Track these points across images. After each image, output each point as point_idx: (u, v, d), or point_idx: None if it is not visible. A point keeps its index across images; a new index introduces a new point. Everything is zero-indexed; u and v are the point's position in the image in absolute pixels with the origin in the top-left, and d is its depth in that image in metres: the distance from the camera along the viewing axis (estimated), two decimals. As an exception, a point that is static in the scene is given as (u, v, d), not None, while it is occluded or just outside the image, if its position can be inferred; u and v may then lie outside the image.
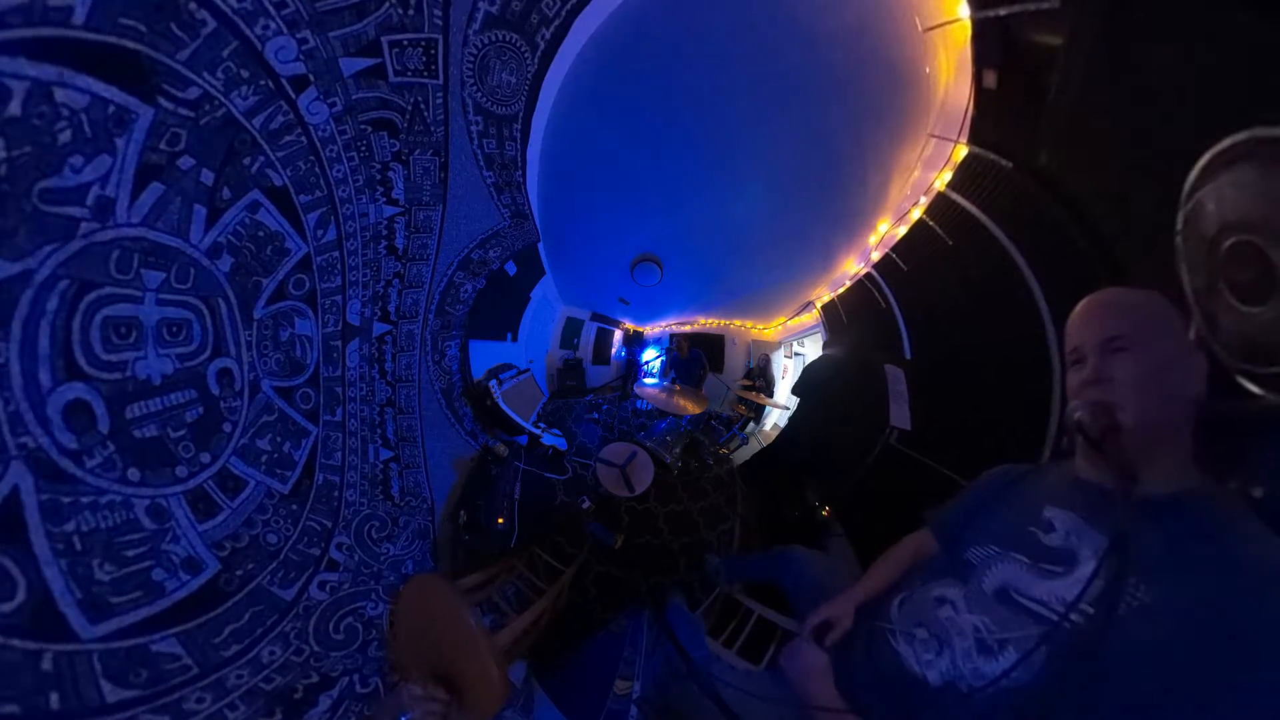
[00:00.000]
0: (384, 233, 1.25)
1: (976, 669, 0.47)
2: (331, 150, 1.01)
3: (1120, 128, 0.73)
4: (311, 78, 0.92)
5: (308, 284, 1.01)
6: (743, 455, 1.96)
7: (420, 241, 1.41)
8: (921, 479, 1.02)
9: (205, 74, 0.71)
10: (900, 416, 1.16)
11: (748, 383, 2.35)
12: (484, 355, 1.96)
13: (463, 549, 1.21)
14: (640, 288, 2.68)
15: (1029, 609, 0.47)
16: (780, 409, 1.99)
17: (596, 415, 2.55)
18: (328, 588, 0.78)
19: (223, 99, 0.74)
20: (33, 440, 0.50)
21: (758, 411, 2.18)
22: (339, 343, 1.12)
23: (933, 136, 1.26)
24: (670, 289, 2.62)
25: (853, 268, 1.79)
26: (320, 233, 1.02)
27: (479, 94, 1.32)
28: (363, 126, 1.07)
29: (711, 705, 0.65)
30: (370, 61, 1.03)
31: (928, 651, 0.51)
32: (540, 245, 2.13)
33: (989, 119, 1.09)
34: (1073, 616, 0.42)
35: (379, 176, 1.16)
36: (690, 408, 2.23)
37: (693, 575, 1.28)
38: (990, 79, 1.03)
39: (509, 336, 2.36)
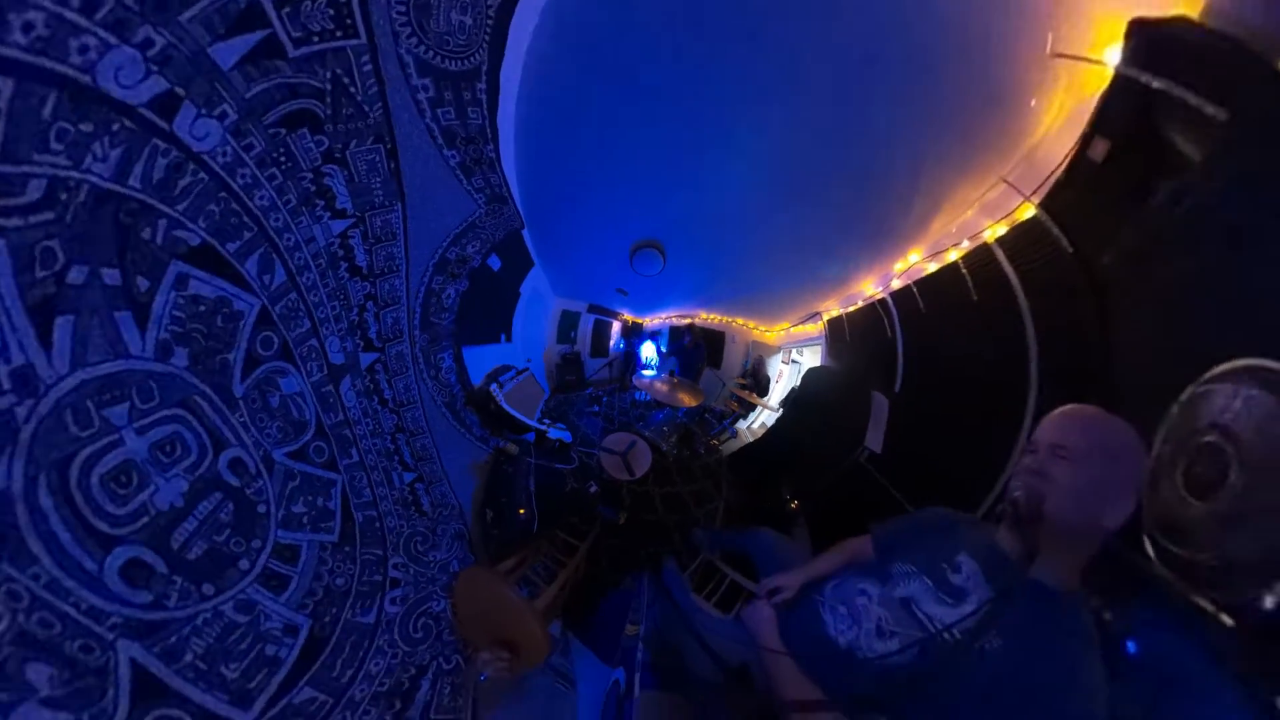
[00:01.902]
0: (340, 253, 1.04)
1: (871, 645, 0.70)
2: (244, 176, 0.76)
3: (1199, 289, 0.65)
4: (180, 91, 0.64)
5: (276, 339, 0.88)
6: (730, 447, 2.22)
7: (385, 252, 1.18)
8: (877, 496, 1.28)
9: (36, 155, 0.49)
10: (875, 440, 1.38)
11: (743, 381, 2.48)
12: (480, 360, 1.89)
13: (494, 541, 1.45)
14: (640, 277, 2.49)
15: (919, 618, 0.67)
16: (770, 410, 2.18)
17: (597, 408, 2.67)
18: (398, 601, 0.99)
19: (76, 175, 0.53)
20: (117, 616, 0.56)
21: (748, 409, 2.38)
22: (331, 387, 1.04)
23: (1005, 182, 1.03)
24: (672, 279, 2.40)
25: (869, 289, 1.64)
26: (267, 279, 0.85)
27: (421, 47, 0.95)
28: (274, 131, 0.78)
29: (694, 641, 0.95)
30: (253, 38, 0.70)
31: (843, 623, 0.74)
32: (525, 233, 1.80)
33: (1074, 190, 0.89)
34: (945, 635, 0.62)
35: (313, 188, 0.91)
36: (688, 400, 2.38)
37: (683, 546, 1.63)
38: (1100, 150, 0.81)
39: (502, 337, 2.23)
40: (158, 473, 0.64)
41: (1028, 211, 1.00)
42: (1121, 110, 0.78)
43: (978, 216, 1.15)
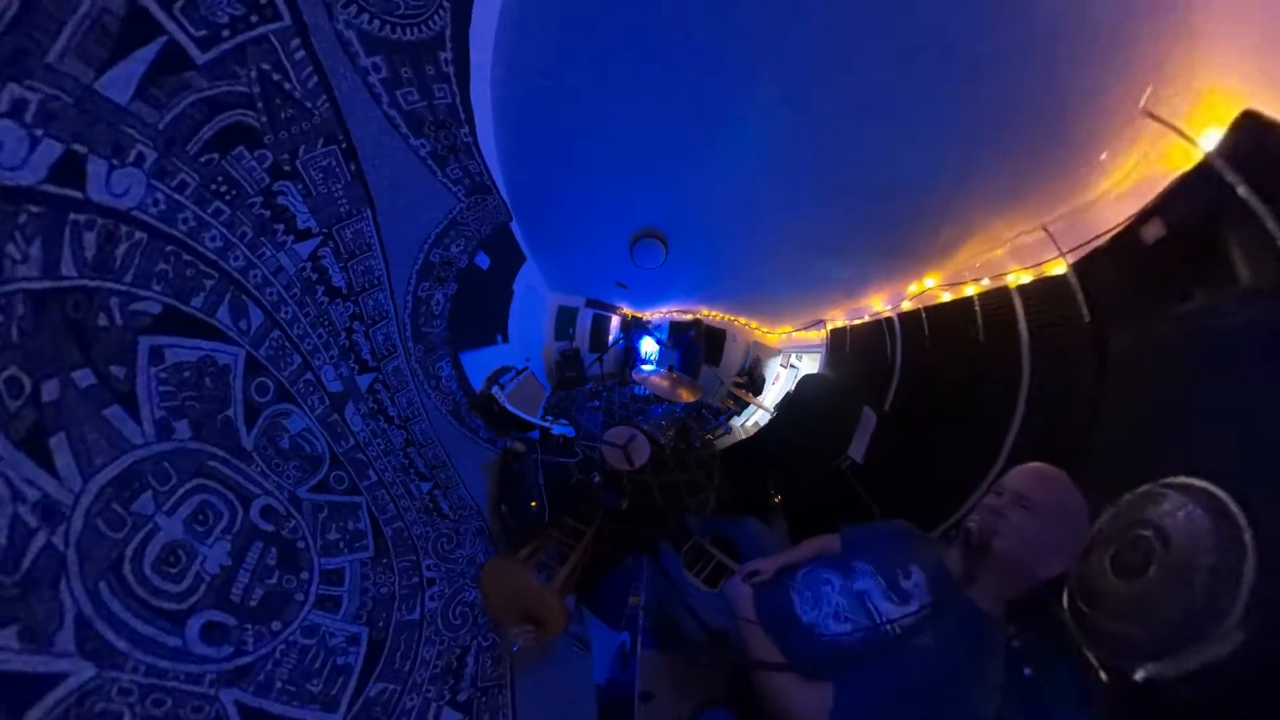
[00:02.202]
0: (313, 277, 0.94)
1: (828, 625, 0.88)
2: (185, 220, 0.65)
3: (1194, 402, 0.65)
4: (79, 149, 0.52)
5: (270, 383, 0.85)
6: (724, 442, 2.38)
7: (362, 265, 1.07)
8: (852, 501, 1.46)
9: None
10: (858, 451, 1.51)
11: (740, 380, 2.56)
12: (479, 363, 1.86)
13: (511, 532, 1.62)
14: (640, 270, 2.35)
15: (869, 610, 0.83)
16: (764, 410, 2.30)
17: (598, 403, 2.74)
18: (436, 597, 1.15)
19: (2, 289, 0.46)
20: (212, 673, 0.64)
21: (743, 407, 2.50)
22: (336, 415, 1.04)
23: (1044, 230, 0.92)
24: (674, 273, 2.26)
25: (879, 305, 1.58)
26: (244, 324, 0.79)
27: (364, 17, 0.76)
28: (205, 159, 0.65)
29: (685, 610, 1.18)
30: (146, 54, 0.55)
31: (807, 605, 0.92)
32: (513, 225, 1.62)
33: (1112, 262, 0.81)
34: (887, 627, 0.79)
35: (268, 213, 0.79)
36: (686, 396, 2.45)
37: (677, 530, 1.86)
38: (1153, 232, 0.72)
39: (499, 338, 2.16)
40: (200, 542, 0.68)
41: (1058, 268, 0.94)
42: (1192, 200, 0.70)
43: (1005, 257, 1.08)
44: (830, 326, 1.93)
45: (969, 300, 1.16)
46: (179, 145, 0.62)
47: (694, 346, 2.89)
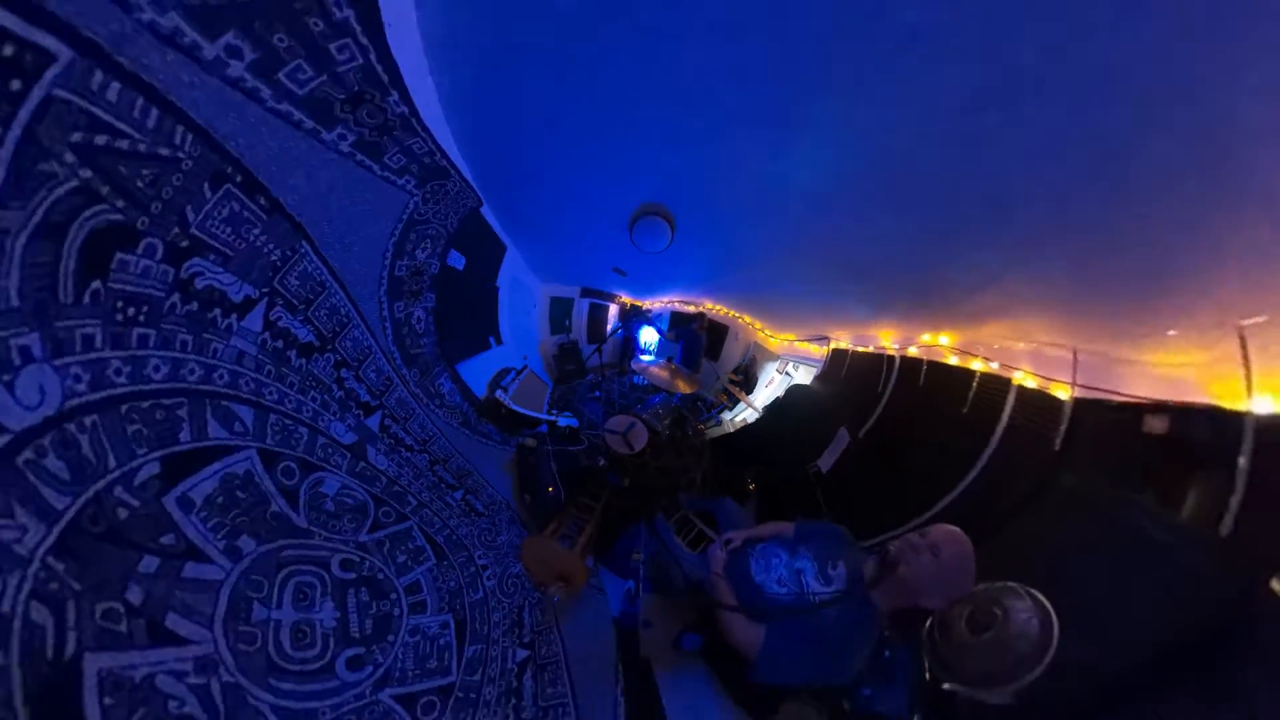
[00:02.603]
0: (278, 344, 0.85)
1: (771, 587, 1.32)
2: (118, 372, 0.54)
3: (1073, 555, 0.78)
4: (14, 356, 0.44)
5: (292, 464, 0.90)
6: (714, 433, 2.68)
7: (324, 308, 0.95)
8: (810, 502, 1.84)
9: None
10: (826, 463, 1.82)
11: (735, 378, 2.68)
12: (478, 370, 1.83)
13: (537, 515, 1.98)
14: (642, 253, 2.02)
15: (801, 583, 1.26)
16: (753, 410, 2.52)
17: (598, 393, 2.87)
18: (491, 577, 1.52)
19: (15, 578, 0.45)
20: (367, 686, 0.86)
21: (734, 403, 2.70)
22: (362, 463, 1.14)
23: (1074, 354, 0.85)
24: (680, 258, 1.96)
25: (886, 341, 1.57)
26: (239, 426, 0.78)
27: None
28: (91, 296, 0.48)
29: (675, 566, 1.66)
30: None
31: (759, 569, 1.37)
32: (485, 210, 1.34)
33: (1107, 416, 0.81)
34: (811, 597, 1.20)
35: (194, 305, 0.64)
36: (684, 388, 2.56)
37: (669, 504, 2.31)
38: (1158, 426, 0.71)
39: (491, 341, 2.02)
40: (313, 612, 0.85)
41: (1062, 392, 0.94)
42: (1213, 434, 0.68)
43: (1023, 354, 1.04)
44: (834, 345, 1.96)
45: (971, 373, 1.22)
46: (49, 303, 0.47)
47: (696, 339, 2.90)
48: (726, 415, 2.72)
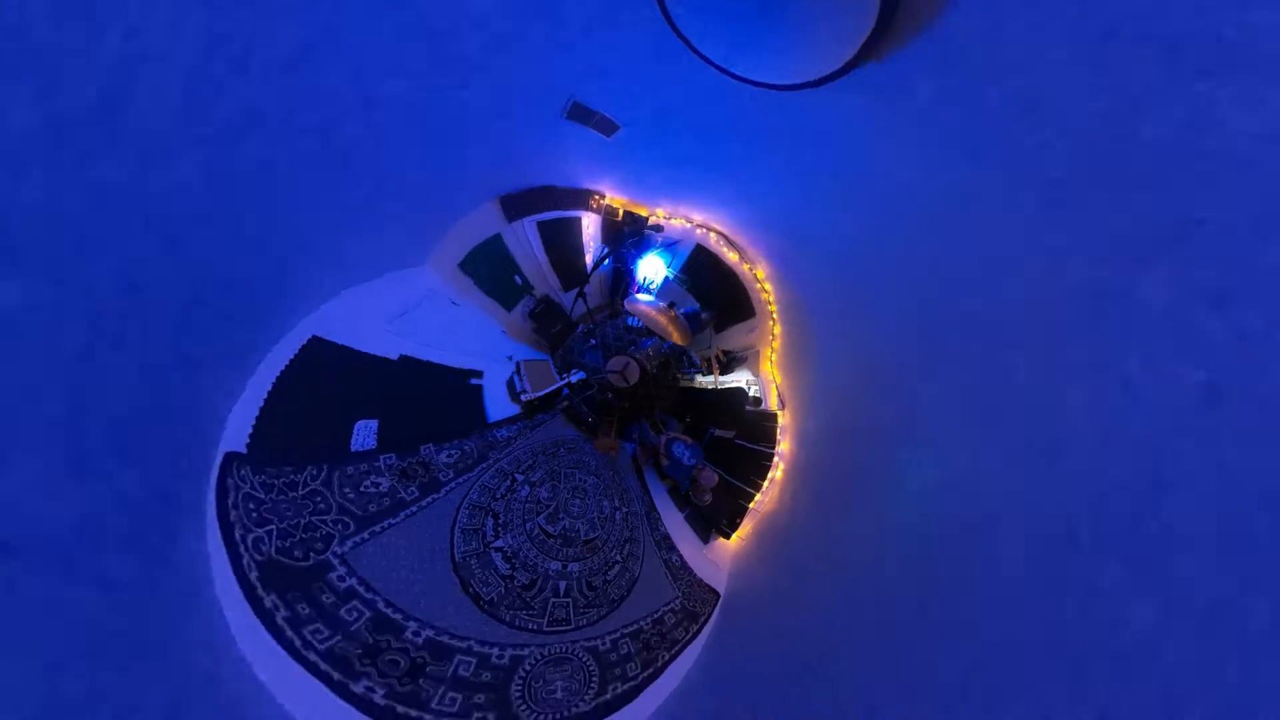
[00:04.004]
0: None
1: (680, 452, 3.50)
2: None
3: None
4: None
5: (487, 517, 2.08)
6: (687, 384, 3.78)
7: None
8: (714, 440, 3.50)
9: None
10: (726, 435, 3.24)
11: (722, 357, 3.19)
12: (496, 401, 2.40)
13: (592, 431, 3.87)
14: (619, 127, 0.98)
15: (679, 455, 3.37)
16: (716, 387, 3.38)
17: (594, 341, 3.41)
18: (595, 471, 3.64)
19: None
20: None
21: (707, 374, 3.41)
22: (528, 486, 2.46)
23: None
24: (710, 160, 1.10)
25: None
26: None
27: None
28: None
29: (648, 440, 3.87)
30: None
31: (678, 451, 3.53)
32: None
33: None
34: (686, 462, 3.34)
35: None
36: (677, 338, 3.07)
37: (651, 417, 4.13)
38: None
39: (480, 381, 1.98)
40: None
41: None
42: None
43: None
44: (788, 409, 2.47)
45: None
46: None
47: (696, 317, 3.01)
48: (700, 378, 3.75)
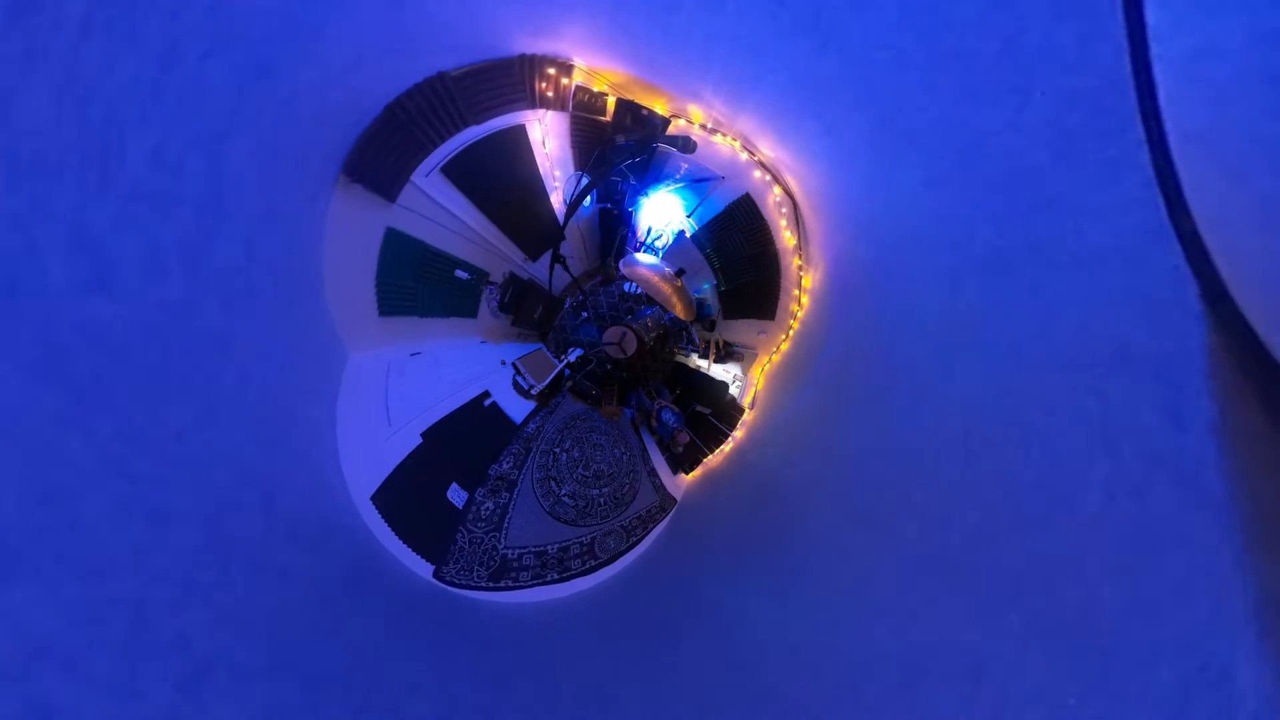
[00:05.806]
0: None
1: (666, 417, 4.02)
2: None
3: None
4: None
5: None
6: (681, 360, 3.93)
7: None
8: (695, 415, 3.95)
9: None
10: (706, 409, 3.75)
11: (721, 346, 3.29)
12: (511, 403, 2.26)
13: (596, 401, 3.83)
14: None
15: (664, 422, 3.92)
16: (707, 373, 3.61)
17: (586, 314, 3.15)
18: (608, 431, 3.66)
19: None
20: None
21: (704, 356, 3.55)
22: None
23: None
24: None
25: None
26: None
27: None
28: None
29: (641, 402, 4.27)
30: None
31: (666, 415, 4.01)
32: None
33: None
34: (669, 425, 3.89)
35: None
36: (679, 311, 2.82)
37: (645, 385, 4.32)
38: None
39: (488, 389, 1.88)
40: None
41: None
42: None
43: None
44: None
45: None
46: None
47: (706, 308, 2.91)
48: (697, 359, 3.90)
